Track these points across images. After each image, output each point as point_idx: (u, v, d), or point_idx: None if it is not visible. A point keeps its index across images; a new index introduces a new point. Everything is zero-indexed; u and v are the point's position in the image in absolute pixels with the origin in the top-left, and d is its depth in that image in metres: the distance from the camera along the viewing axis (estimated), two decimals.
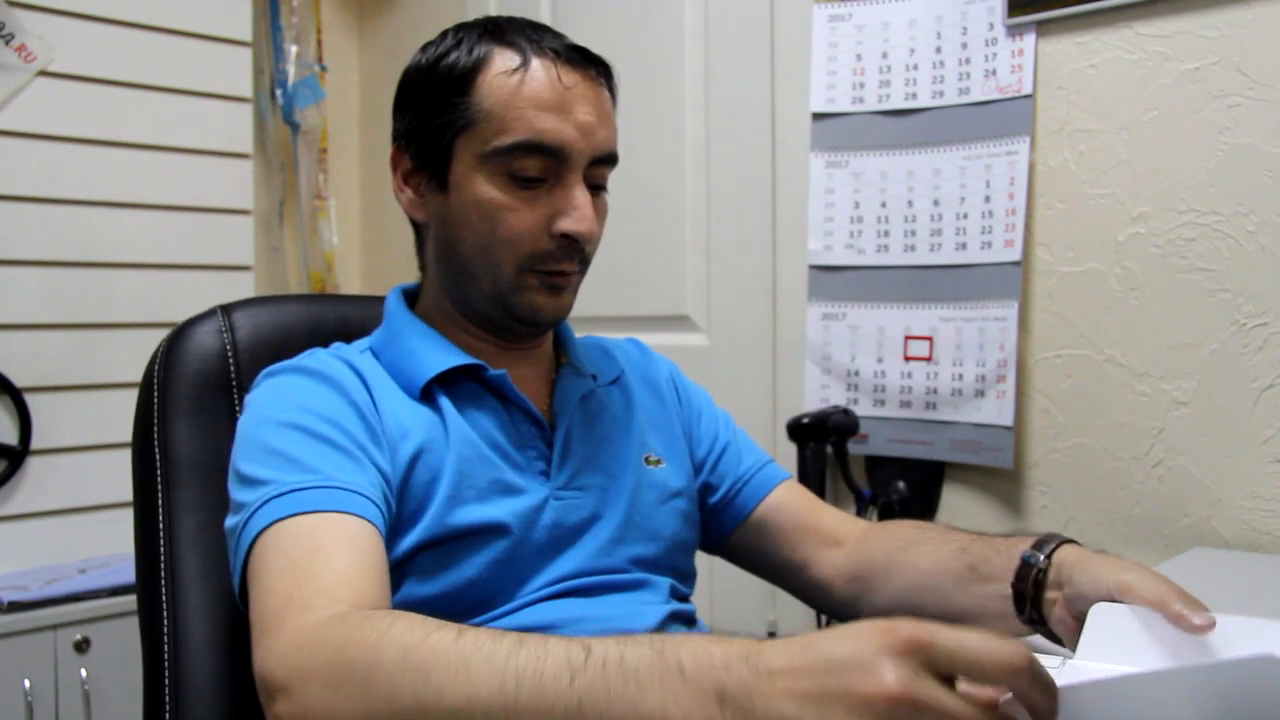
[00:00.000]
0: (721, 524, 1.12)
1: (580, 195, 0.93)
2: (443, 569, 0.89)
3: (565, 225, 0.92)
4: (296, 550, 0.76)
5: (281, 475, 0.81)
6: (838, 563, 1.06)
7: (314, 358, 0.95)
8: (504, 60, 0.92)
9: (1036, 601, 0.86)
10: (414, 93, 0.97)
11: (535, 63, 0.92)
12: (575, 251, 0.94)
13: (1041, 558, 0.86)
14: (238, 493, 0.84)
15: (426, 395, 0.94)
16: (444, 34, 0.98)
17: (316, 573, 0.74)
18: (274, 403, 0.89)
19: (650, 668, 0.57)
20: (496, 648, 0.62)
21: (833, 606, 1.07)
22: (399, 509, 0.88)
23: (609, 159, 0.96)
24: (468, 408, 0.95)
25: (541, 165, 0.92)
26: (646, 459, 1.03)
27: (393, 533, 0.87)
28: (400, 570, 0.88)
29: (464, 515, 0.89)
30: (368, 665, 0.65)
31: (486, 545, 0.90)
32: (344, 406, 0.88)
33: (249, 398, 0.93)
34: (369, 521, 0.80)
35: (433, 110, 0.95)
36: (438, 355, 0.95)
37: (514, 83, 0.92)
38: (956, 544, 0.96)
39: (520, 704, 0.59)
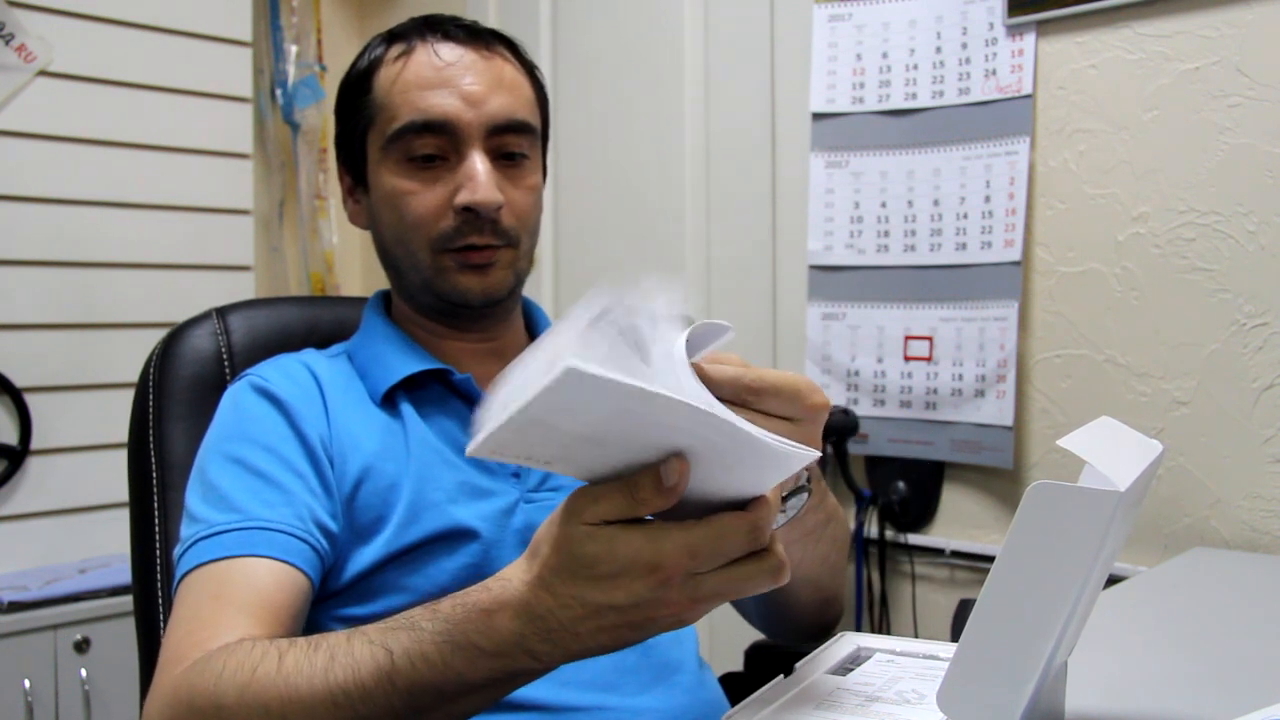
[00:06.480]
0: None
1: (477, 166, 0.92)
2: (415, 577, 0.88)
3: (463, 197, 0.91)
4: (200, 599, 0.79)
5: (211, 514, 0.84)
6: None
7: (276, 367, 0.95)
8: (393, 53, 0.95)
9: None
10: (337, 106, 1.01)
11: (418, 48, 0.94)
12: (483, 225, 0.92)
13: None
14: (183, 522, 0.87)
15: (390, 401, 0.94)
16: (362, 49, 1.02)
17: (204, 623, 0.77)
18: (223, 426, 0.91)
19: (454, 656, 0.60)
20: (314, 668, 0.65)
21: (779, 634, 1.08)
22: (354, 520, 0.88)
23: (512, 126, 0.94)
24: (433, 413, 0.94)
25: (436, 143, 0.92)
26: None
27: (352, 543, 0.88)
28: (374, 580, 0.87)
29: (430, 520, 0.88)
30: (214, 711, 0.68)
31: (456, 550, 0.89)
32: (285, 431, 0.89)
33: (219, 404, 0.94)
34: (282, 560, 0.81)
35: (347, 117, 0.98)
36: (402, 360, 0.95)
37: (398, 69, 0.94)
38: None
39: (358, 713, 0.63)
